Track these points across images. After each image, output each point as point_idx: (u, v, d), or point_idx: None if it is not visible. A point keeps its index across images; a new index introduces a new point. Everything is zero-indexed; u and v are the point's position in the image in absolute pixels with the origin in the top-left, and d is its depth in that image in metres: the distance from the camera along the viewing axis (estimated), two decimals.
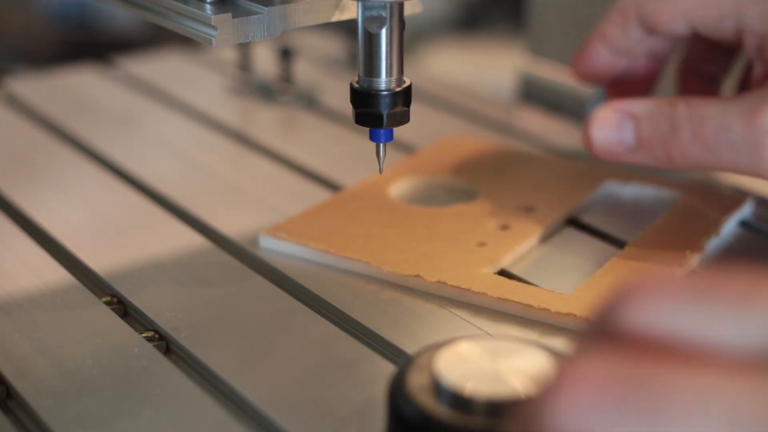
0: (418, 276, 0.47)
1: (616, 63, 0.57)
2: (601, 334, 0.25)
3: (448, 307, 0.46)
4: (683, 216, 0.54)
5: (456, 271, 0.47)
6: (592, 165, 0.59)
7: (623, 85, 0.57)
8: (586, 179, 0.58)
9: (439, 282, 0.46)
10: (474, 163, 0.60)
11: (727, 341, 0.24)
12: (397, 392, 0.33)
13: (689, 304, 0.24)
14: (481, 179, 0.57)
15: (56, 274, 0.49)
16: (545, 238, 0.53)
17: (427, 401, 0.33)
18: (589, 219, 0.55)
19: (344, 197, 0.55)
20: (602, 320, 0.26)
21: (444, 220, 0.53)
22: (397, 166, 0.59)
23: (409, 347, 0.42)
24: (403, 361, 0.40)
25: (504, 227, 0.52)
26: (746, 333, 0.24)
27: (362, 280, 0.48)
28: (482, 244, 0.50)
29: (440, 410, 0.32)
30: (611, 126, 0.50)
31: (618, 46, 0.56)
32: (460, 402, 0.32)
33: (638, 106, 0.50)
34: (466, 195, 0.57)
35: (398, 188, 0.57)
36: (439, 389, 0.33)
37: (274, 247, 0.51)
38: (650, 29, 0.54)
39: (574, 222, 0.55)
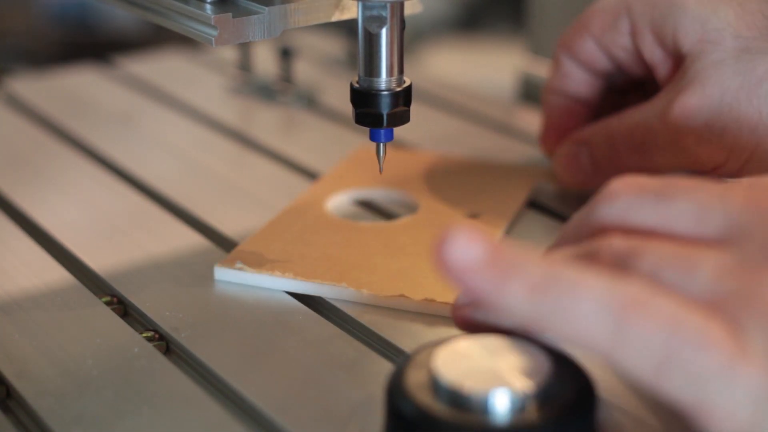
0: (402, 296, 0.45)
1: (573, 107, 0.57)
2: (581, 226, 0.37)
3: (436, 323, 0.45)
4: None
5: (437, 285, 0.45)
6: (530, 165, 0.60)
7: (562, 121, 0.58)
8: (525, 179, 0.57)
9: (426, 300, 0.45)
10: (405, 173, 0.57)
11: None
12: (395, 390, 0.33)
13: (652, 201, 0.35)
14: (418, 189, 0.56)
15: (56, 274, 0.49)
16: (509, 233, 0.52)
17: (425, 399, 0.33)
18: (555, 205, 0.55)
19: (284, 218, 0.52)
20: (583, 215, 0.37)
21: (397, 234, 0.51)
22: (325, 180, 0.57)
23: (409, 347, 0.42)
24: (401, 359, 0.40)
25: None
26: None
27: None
28: None
29: (438, 408, 0.32)
30: (570, 158, 0.54)
31: (564, 89, 0.56)
32: (457, 399, 0.32)
33: (586, 132, 0.54)
34: (405, 207, 0.55)
35: (334, 204, 0.55)
36: (437, 387, 0.33)
37: (230, 279, 0.47)
38: (577, 61, 0.55)
39: (538, 206, 0.55)
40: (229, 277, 0.47)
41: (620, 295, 0.31)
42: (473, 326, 0.38)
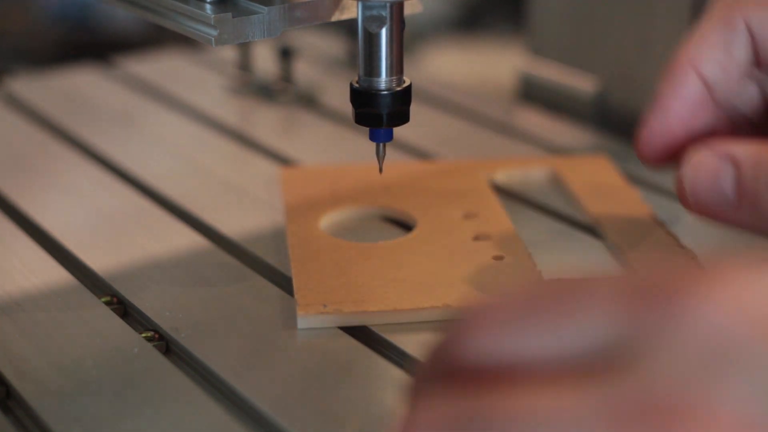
0: None
1: (696, 122, 0.43)
2: (438, 373, 0.25)
3: None
4: (592, 188, 0.56)
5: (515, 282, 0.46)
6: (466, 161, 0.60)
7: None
8: (472, 174, 0.58)
9: None
10: (357, 188, 0.56)
11: (550, 354, 0.24)
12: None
13: (511, 328, 0.24)
14: (380, 200, 0.55)
15: (56, 274, 0.49)
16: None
17: None
18: (551, 203, 0.55)
19: (303, 253, 0.49)
20: (437, 359, 0.25)
21: (420, 249, 0.50)
22: (292, 209, 0.54)
23: (409, 347, 0.42)
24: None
25: (479, 237, 0.51)
26: (564, 343, 0.23)
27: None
28: (499, 258, 0.49)
29: None
30: (707, 174, 0.40)
31: (716, 82, 0.43)
32: None
33: (741, 149, 0.39)
34: (386, 221, 0.54)
35: (331, 231, 0.53)
36: None
37: (314, 325, 0.44)
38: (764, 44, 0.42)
39: (534, 204, 0.55)
40: (314, 323, 0.44)
41: None
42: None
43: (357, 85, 0.45)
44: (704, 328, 0.22)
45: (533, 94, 0.75)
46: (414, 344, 0.43)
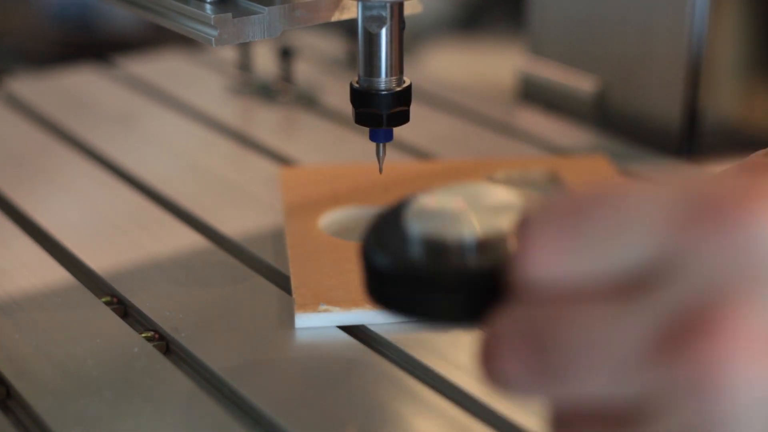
0: None
1: None
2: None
3: None
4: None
5: None
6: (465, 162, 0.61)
7: None
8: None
9: None
10: (355, 187, 0.56)
11: (600, 271, 0.26)
12: (369, 244, 0.32)
13: (564, 251, 0.26)
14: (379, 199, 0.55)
15: (56, 274, 0.49)
16: None
17: (400, 250, 0.31)
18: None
19: (302, 252, 0.49)
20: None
21: None
22: (291, 208, 0.54)
23: (410, 347, 0.42)
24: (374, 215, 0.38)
25: None
26: (613, 260, 0.25)
27: None
28: None
29: (413, 258, 0.30)
30: None
31: None
32: (432, 247, 0.30)
33: None
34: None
35: (330, 230, 0.53)
36: (411, 237, 0.31)
37: (312, 324, 0.44)
38: None
39: None
40: (312, 322, 0.44)
41: None
42: None
43: (357, 85, 0.45)
44: (751, 244, 0.24)
45: (533, 94, 0.75)
46: (413, 344, 0.43)
